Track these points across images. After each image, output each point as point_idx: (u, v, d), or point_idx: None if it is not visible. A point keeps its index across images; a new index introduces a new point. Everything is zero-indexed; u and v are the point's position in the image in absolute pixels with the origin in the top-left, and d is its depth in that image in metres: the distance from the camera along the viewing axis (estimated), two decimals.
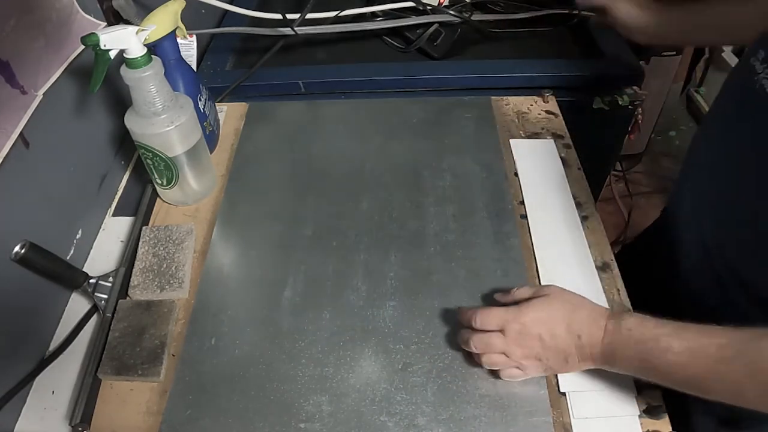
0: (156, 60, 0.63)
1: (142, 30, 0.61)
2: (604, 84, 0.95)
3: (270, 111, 0.88)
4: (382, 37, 1.03)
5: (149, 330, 0.61)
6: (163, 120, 0.65)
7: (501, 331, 0.53)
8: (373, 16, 0.99)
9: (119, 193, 0.81)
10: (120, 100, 0.79)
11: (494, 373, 0.56)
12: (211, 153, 0.83)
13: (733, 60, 1.89)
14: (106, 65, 0.60)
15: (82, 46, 0.64)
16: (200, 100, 0.76)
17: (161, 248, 0.68)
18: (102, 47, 0.59)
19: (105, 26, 0.72)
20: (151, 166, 0.70)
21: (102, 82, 0.60)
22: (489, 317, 0.54)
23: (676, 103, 2.09)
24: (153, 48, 0.69)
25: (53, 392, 0.60)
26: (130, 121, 0.65)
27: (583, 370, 0.55)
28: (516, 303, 0.55)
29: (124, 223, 0.77)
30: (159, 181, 0.72)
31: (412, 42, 0.99)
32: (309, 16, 0.91)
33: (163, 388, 0.58)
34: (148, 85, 0.62)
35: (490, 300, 0.62)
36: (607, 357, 0.50)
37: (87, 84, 0.61)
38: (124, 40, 0.59)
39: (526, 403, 0.54)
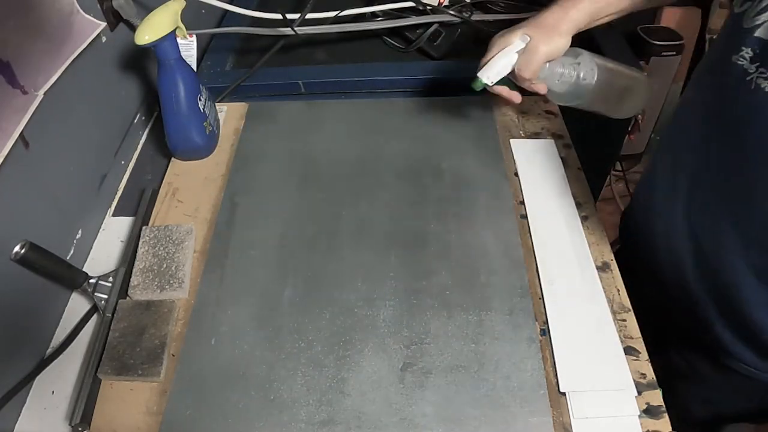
0: None
1: None
2: None
3: (270, 111, 0.88)
4: (382, 37, 1.03)
5: (149, 330, 0.61)
6: None
7: None
8: (373, 16, 0.98)
9: (119, 193, 0.81)
10: (120, 100, 0.79)
11: (496, 373, 0.56)
12: (211, 153, 0.83)
13: None
14: None
15: (83, 46, 0.64)
16: (200, 100, 0.76)
17: (161, 248, 0.68)
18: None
19: (105, 26, 0.72)
20: None
21: (99, 83, 0.60)
22: None
23: (676, 103, 2.08)
24: (153, 48, 0.69)
25: (53, 392, 0.60)
26: None
27: (586, 372, 0.55)
28: None
29: (124, 223, 0.77)
30: None
31: (412, 42, 0.99)
32: (309, 16, 0.90)
33: (163, 388, 0.58)
34: None
35: (489, 299, 0.62)
36: None
37: (87, 84, 0.61)
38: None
39: (526, 403, 0.54)
